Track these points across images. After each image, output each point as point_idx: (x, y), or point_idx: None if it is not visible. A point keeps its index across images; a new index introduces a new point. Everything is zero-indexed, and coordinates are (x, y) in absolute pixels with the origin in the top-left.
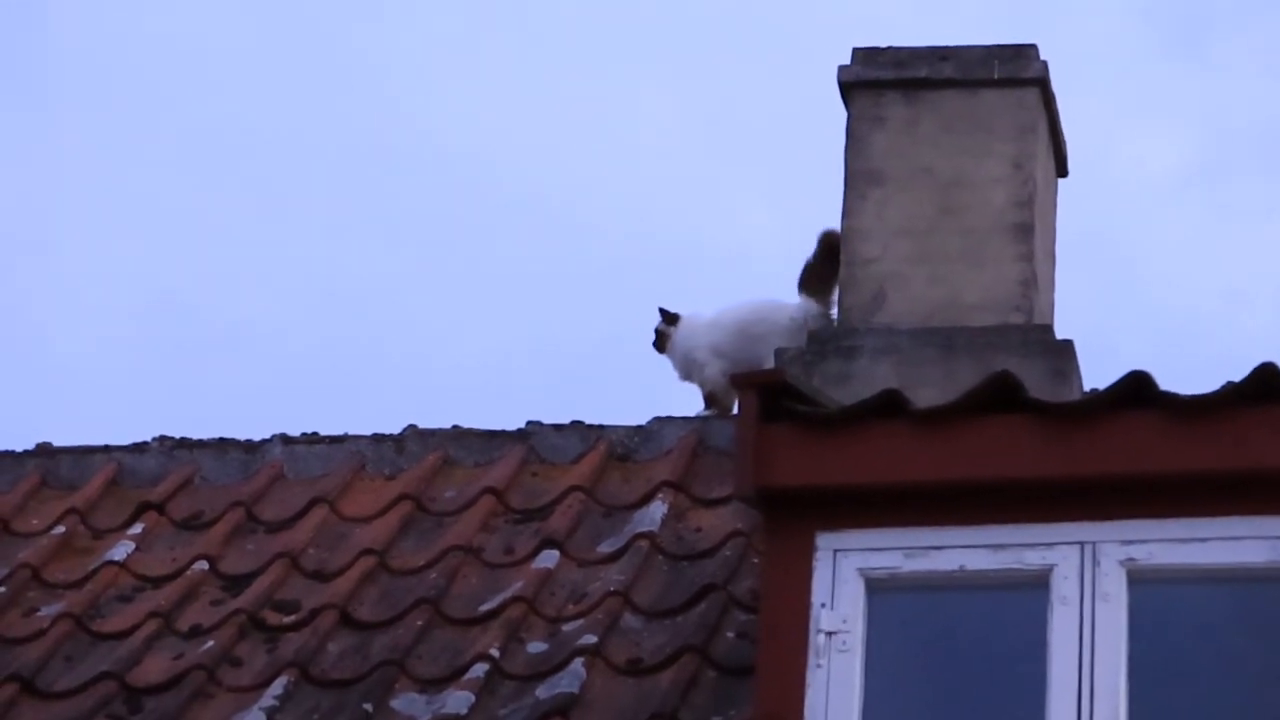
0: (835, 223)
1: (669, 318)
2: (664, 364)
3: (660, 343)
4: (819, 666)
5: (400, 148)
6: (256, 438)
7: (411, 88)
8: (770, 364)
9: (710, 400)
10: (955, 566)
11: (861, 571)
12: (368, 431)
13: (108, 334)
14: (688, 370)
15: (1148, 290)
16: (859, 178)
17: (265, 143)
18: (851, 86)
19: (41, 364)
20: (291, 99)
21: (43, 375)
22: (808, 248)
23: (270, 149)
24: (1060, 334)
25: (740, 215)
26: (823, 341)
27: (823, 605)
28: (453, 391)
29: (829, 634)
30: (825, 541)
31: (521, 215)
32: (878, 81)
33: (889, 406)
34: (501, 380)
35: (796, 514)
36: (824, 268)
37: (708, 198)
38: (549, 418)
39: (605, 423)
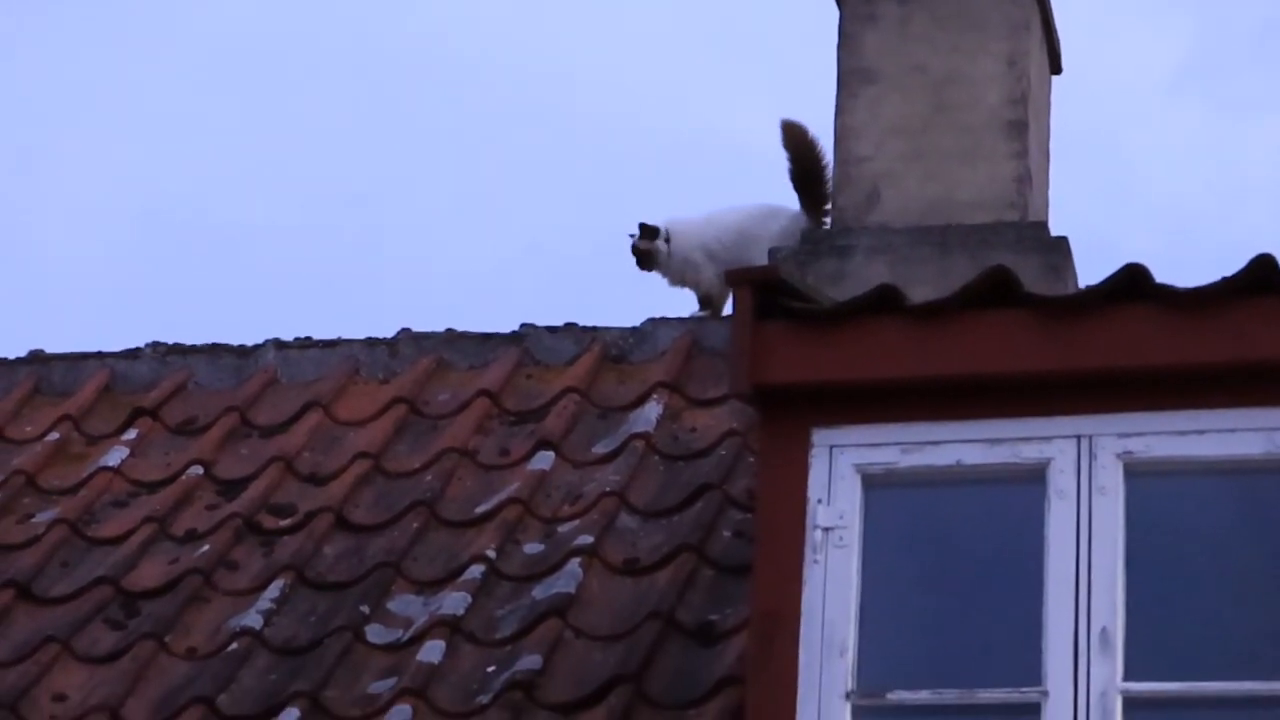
0: (828, 121)
1: (648, 231)
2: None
3: (643, 260)
4: (816, 563)
5: (394, 49)
6: (247, 340)
7: None
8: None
9: (705, 302)
10: (952, 461)
11: (858, 467)
12: (361, 335)
13: (100, 239)
14: (682, 273)
15: (1146, 187)
16: (852, 76)
17: (260, 47)
18: None
19: (34, 270)
20: (283, 5)
21: (35, 281)
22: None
23: (265, 53)
24: (1057, 231)
25: (737, 112)
26: (816, 240)
27: (819, 501)
28: (447, 294)
29: (826, 530)
30: (821, 438)
31: (516, 116)
32: None
33: (884, 302)
34: (496, 283)
35: (792, 411)
36: (805, 175)
37: (704, 95)
38: (543, 320)
39: (599, 324)
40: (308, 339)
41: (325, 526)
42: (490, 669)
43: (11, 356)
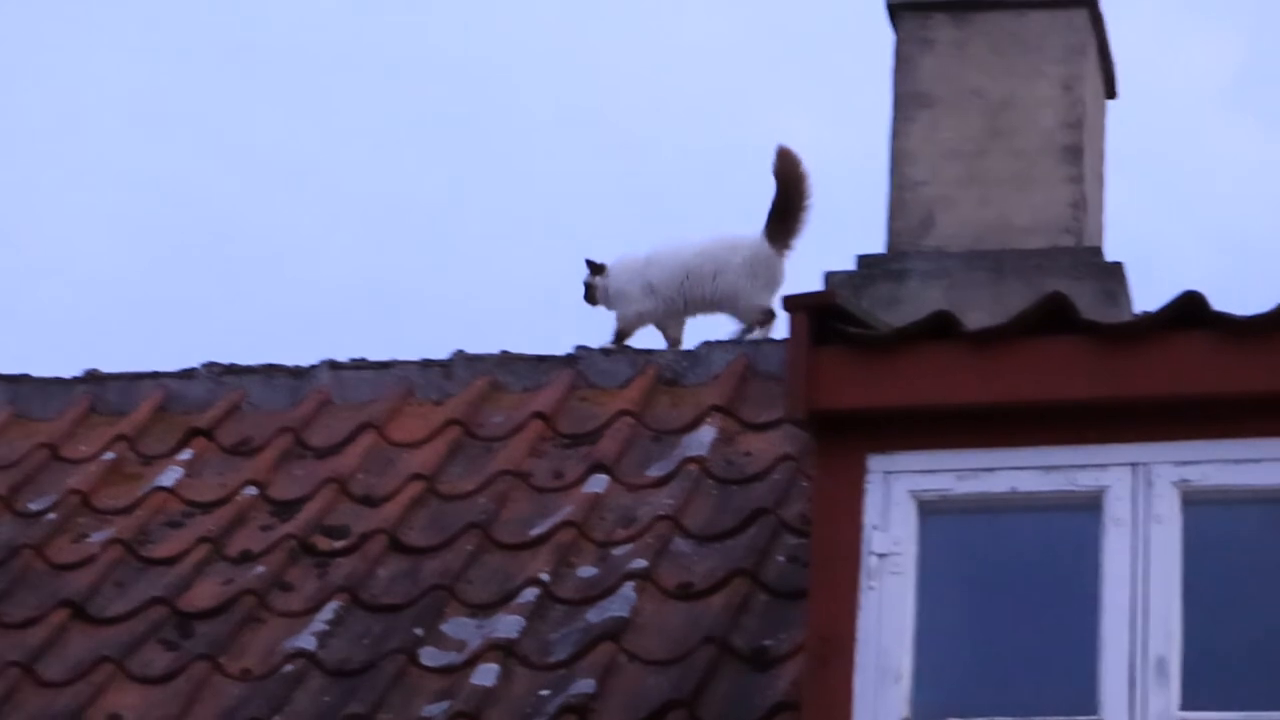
0: (883, 143)
1: (595, 268)
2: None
3: (590, 294)
4: (871, 589)
5: (446, 64)
6: (301, 360)
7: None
8: (733, 307)
9: (620, 336)
10: (1007, 488)
11: (913, 494)
12: (415, 357)
13: (148, 253)
14: (623, 308)
15: (1201, 208)
16: (907, 100)
17: (312, 60)
18: (899, 8)
19: (86, 287)
20: (337, 14)
21: (87, 298)
22: (855, 164)
23: (317, 66)
24: (1111, 256)
25: (791, 128)
26: (872, 264)
27: (875, 528)
28: (500, 315)
29: (881, 556)
30: (877, 464)
31: (567, 130)
32: (925, 4)
33: (940, 328)
34: (549, 303)
35: (848, 437)
36: (786, 206)
37: (759, 110)
38: (597, 342)
39: (653, 347)
40: (362, 360)
41: (379, 548)
42: (544, 693)
43: (67, 376)
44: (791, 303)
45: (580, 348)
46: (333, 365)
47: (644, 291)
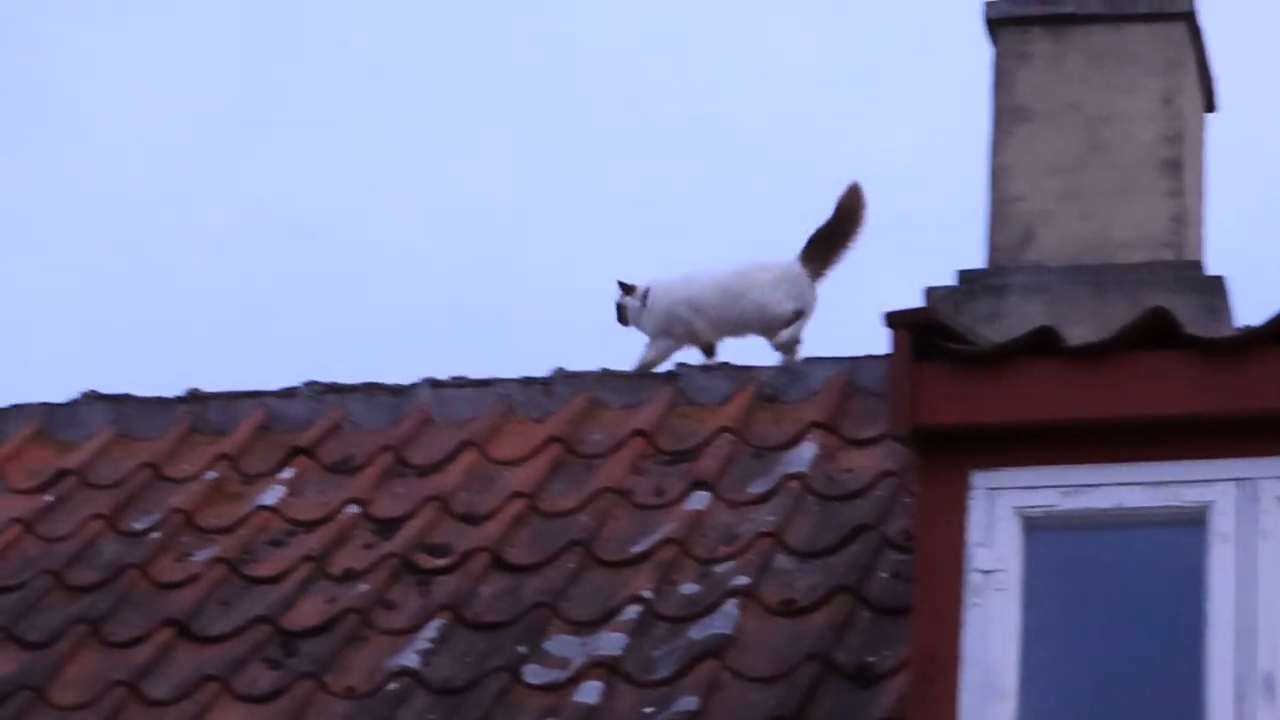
0: (982, 158)
1: (627, 289)
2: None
3: (622, 315)
4: (976, 605)
5: (544, 72)
6: (396, 375)
7: (554, 8)
8: (761, 321)
9: (649, 362)
10: (1112, 504)
11: (1017, 510)
12: (508, 367)
13: (245, 267)
14: (668, 328)
15: None
16: (1006, 115)
17: (406, 68)
18: (998, 23)
19: (185, 304)
20: (433, 20)
21: (186, 315)
22: (953, 179)
23: (411, 74)
24: (1213, 270)
25: (883, 143)
26: (972, 280)
27: (979, 544)
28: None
29: (985, 573)
30: (980, 480)
31: (663, 142)
32: (1024, 18)
33: (1043, 343)
34: None
35: (951, 453)
36: (834, 235)
37: (849, 126)
38: (696, 359)
39: (753, 364)
40: (462, 378)
41: (481, 566)
42: (648, 710)
43: (169, 395)
44: (893, 319)
45: (680, 365)
46: (433, 384)
47: (680, 315)
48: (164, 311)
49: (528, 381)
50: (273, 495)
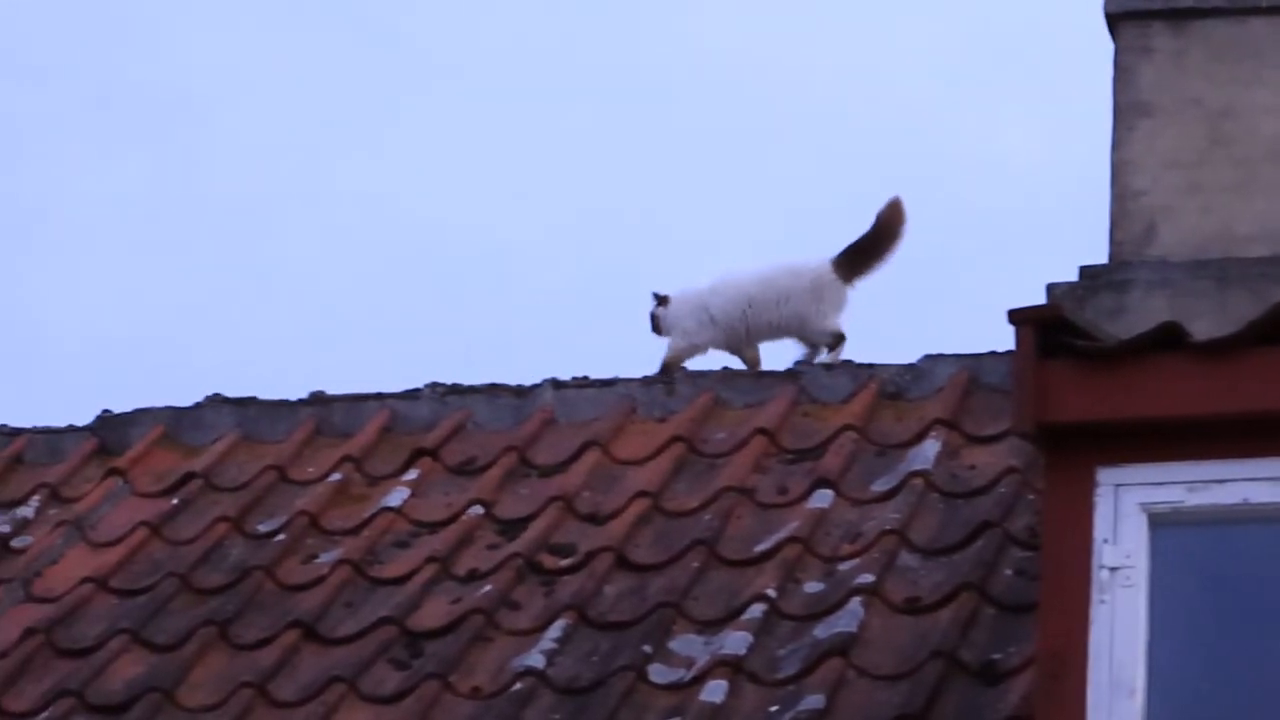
0: (1103, 153)
1: (661, 300)
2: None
3: (656, 325)
4: (1103, 602)
5: (662, 68)
6: (519, 376)
7: (676, 3)
8: (799, 324)
9: (668, 366)
10: (1239, 500)
11: (1144, 506)
12: (637, 374)
13: (364, 268)
14: (682, 338)
15: None
16: (1127, 110)
17: (522, 67)
18: (1118, 18)
19: (308, 306)
20: (556, 16)
21: (309, 317)
22: (1072, 171)
23: (527, 73)
24: None
25: (1002, 134)
26: (1094, 276)
27: (1105, 541)
28: None
29: (1112, 570)
30: (1106, 477)
31: (788, 136)
32: (1144, 12)
33: (1168, 339)
34: None
35: (1077, 450)
36: (872, 249)
37: (969, 120)
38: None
39: (875, 361)
40: (584, 378)
41: (606, 566)
42: (773, 709)
43: (293, 398)
44: (1017, 316)
45: (801, 363)
46: (556, 384)
47: (702, 323)
48: (287, 313)
49: (650, 381)
50: (397, 497)
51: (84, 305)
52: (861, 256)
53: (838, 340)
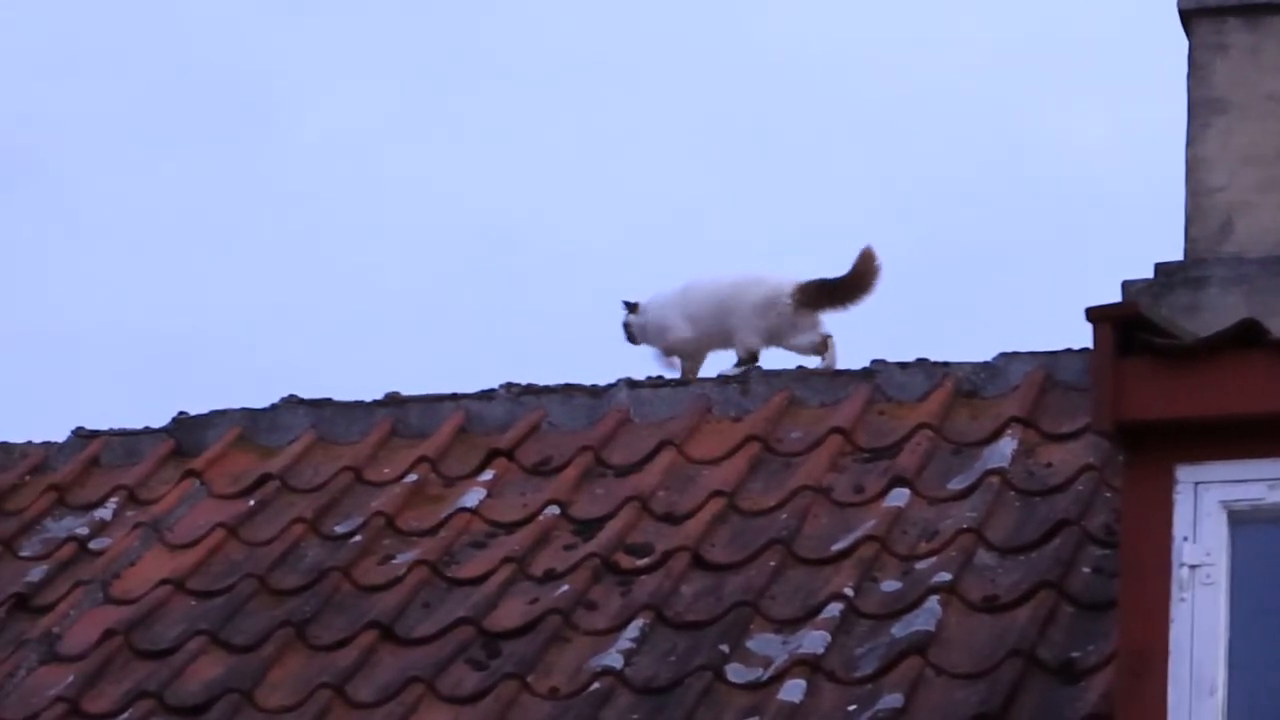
0: (1178, 149)
1: (632, 308)
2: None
3: (629, 334)
4: (1183, 600)
5: (729, 63)
6: (594, 376)
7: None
8: (742, 335)
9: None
10: None
11: (1224, 504)
12: (711, 374)
13: (438, 267)
14: (662, 337)
15: None
16: (1202, 106)
17: (599, 65)
18: (1192, 14)
19: (382, 305)
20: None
21: (382, 316)
22: (1149, 171)
23: (604, 73)
24: None
25: (1075, 129)
26: (1170, 272)
27: (1185, 539)
28: None
29: (1192, 567)
30: (1186, 474)
31: (859, 130)
32: (1219, 9)
33: (1247, 336)
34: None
35: (1155, 447)
36: (839, 292)
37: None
38: (892, 355)
39: (950, 359)
40: (659, 378)
41: (682, 565)
42: (851, 708)
43: (368, 399)
44: (1095, 314)
45: (877, 361)
46: (630, 384)
47: (680, 323)
48: (362, 313)
49: (725, 380)
50: (473, 497)
51: (156, 303)
52: (826, 295)
53: (751, 358)
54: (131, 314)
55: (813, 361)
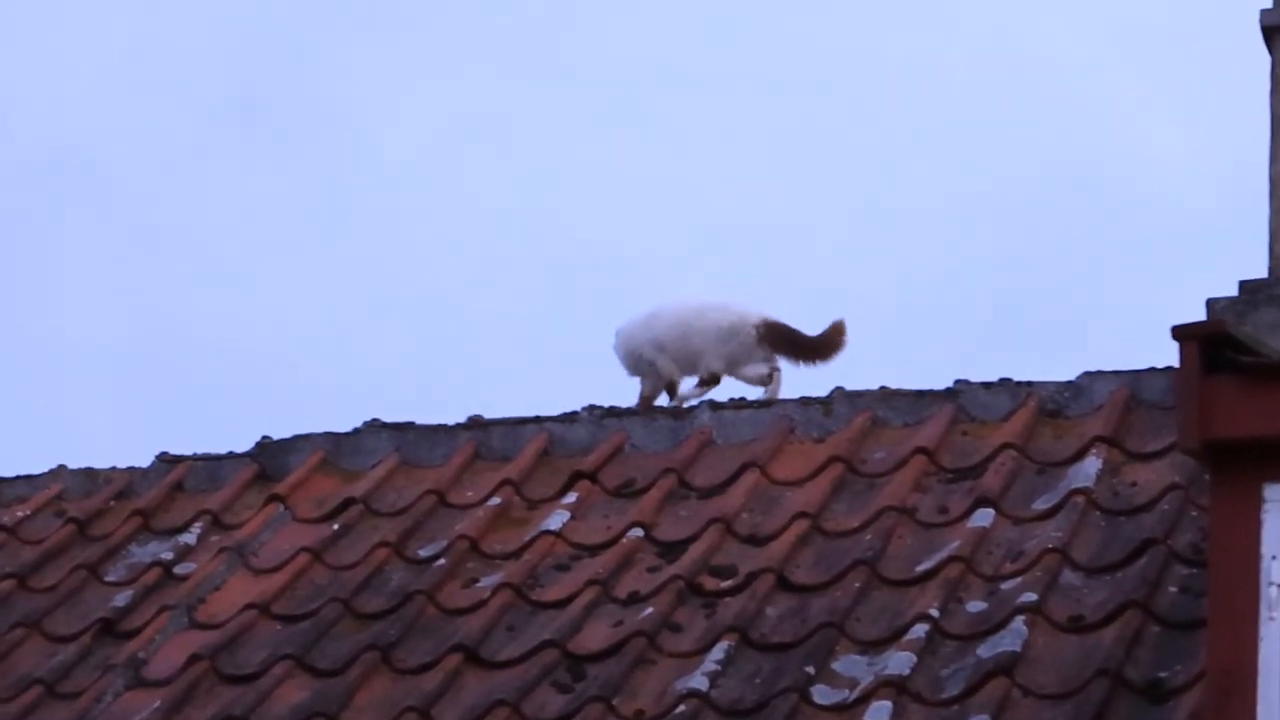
0: (1261, 163)
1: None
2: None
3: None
4: (1272, 620)
5: (806, 73)
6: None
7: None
8: (706, 359)
9: (670, 389)
10: None
11: None
12: (793, 394)
13: (527, 293)
14: (638, 368)
15: None
16: None
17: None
18: (1275, 30)
19: (466, 329)
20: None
21: (467, 340)
22: (1233, 188)
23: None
24: None
25: (1151, 138)
26: (1254, 290)
27: (1274, 557)
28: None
29: None
30: (1274, 493)
31: (934, 141)
32: None
33: None
34: (926, 335)
35: (1243, 466)
36: (804, 349)
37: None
38: (975, 375)
39: (1033, 379)
40: (741, 399)
41: (767, 587)
42: None
43: (451, 423)
44: (1181, 332)
45: (960, 381)
46: (713, 405)
47: (648, 347)
48: (445, 335)
49: (807, 401)
50: (556, 520)
51: (237, 325)
52: (788, 343)
53: (713, 379)
54: (213, 335)
55: (756, 392)
